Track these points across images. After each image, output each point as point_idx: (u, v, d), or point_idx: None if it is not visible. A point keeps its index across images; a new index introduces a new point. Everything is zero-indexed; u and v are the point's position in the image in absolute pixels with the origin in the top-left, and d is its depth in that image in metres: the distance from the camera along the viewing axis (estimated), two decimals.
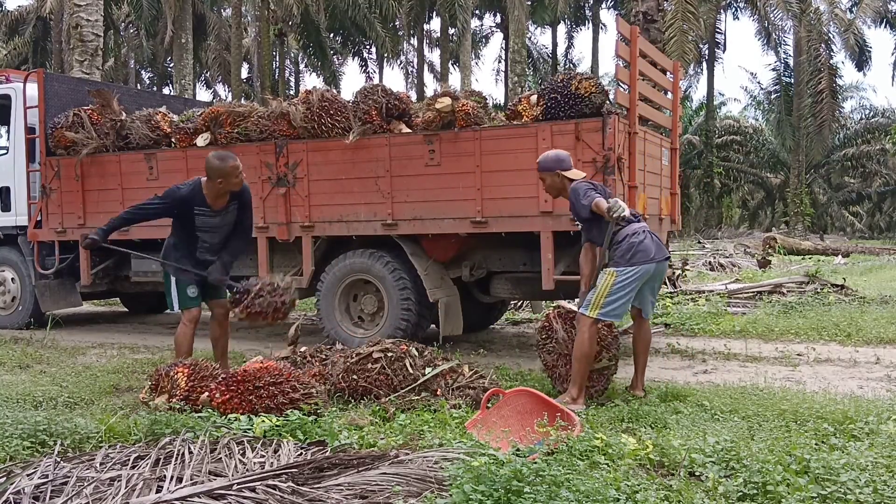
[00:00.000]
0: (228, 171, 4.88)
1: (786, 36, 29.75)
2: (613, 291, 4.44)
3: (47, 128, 8.07)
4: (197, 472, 3.02)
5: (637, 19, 11.24)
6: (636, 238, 4.49)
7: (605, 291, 4.45)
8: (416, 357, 4.83)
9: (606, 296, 4.45)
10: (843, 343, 6.76)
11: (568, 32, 35.62)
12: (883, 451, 3.30)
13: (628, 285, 4.47)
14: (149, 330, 8.69)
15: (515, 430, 3.71)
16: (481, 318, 7.91)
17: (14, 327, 8.53)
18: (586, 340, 4.46)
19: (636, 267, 4.46)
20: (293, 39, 31.51)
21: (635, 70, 6.09)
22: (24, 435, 3.60)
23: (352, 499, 2.78)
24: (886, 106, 35.92)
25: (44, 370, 5.96)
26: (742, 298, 9.37)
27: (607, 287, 4.45)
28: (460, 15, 23.46)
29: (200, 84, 36.00)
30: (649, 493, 2.84)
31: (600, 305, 4.46)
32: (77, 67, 12.22)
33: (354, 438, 3.69)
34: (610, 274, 4.47)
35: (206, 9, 28.60)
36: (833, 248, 18.47)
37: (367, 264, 6.65)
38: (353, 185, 6.60)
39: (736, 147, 36.84)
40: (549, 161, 4.77)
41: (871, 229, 38.36)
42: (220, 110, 7.20)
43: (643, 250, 4.47)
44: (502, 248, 6.55)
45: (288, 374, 4.30)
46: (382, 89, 6.62)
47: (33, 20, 29.42)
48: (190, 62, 23.42)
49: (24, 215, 8.46)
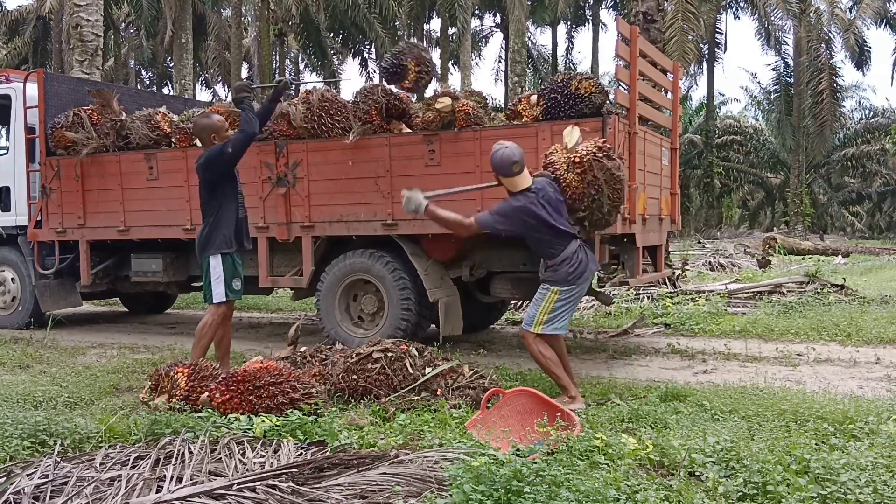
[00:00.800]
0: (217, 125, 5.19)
1: (786, 36, 29.82)
2: (556, 308, 4.58)
3: (47, 128, 8.06)
4: (197, 472, 3.02)
5: (637, 19, 11.24)
6: (576, 259, 4.56)
7: (549, 308, 4.58)
8: (416, 357, 4.83)
9: (549, 312, 4.58)
10: (843, 343, 6.76)
11: (568, 32, 35.63)
12: (883, 451, 3.30)
13: (569, 301, 4.63)
14: (149, 330, 8.69)
15: (515, 430, 3.71)
16: (481, 318, 7.91)
17: (14, 327, 8.53)
18: (538, 354, 4.60)
19: (578, 286, 4.61)
20: (293, 39, 31.51)
21: (635, 70, 6.09)
22: (24, 435, 3.60)
23: (352, 499, 2.78)
24: (886, 106, 35.86)
25: (44, 370, 5.96)
26: (742, 298, 9.37)
27: (550, 304, 4.57)
28: (460, 15, 23.46)
29: (200, 84, 36.03)
30: (649, 493, 2.84)
31: (543, 322, 4.59)
32: (77, 67, 12.22)
33: (354, 438, 3.69)
34: (553, 292, 4.58)
35: (206, 9, 28.60)
36: (833, 248, 18.47)
37: (367, 264, 6.65)
38: (353, 185, 6.60)
39: (736, 147, 36.85)
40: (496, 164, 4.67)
41: (871, 229, 38.36)
42: (219, 110, 7.19)
43: (582, 270, 4.59)
44: (502, 248, 6.54)
45: (288, 374, 4.30)
46: (382, 89, 6.62)
47: (33, 20, 29.43)
48: (190, 62, 23.43)
49: (24, 215, 8.46)
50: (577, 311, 9.00)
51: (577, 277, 4.58)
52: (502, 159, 4.62)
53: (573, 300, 4.66)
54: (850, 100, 35.30)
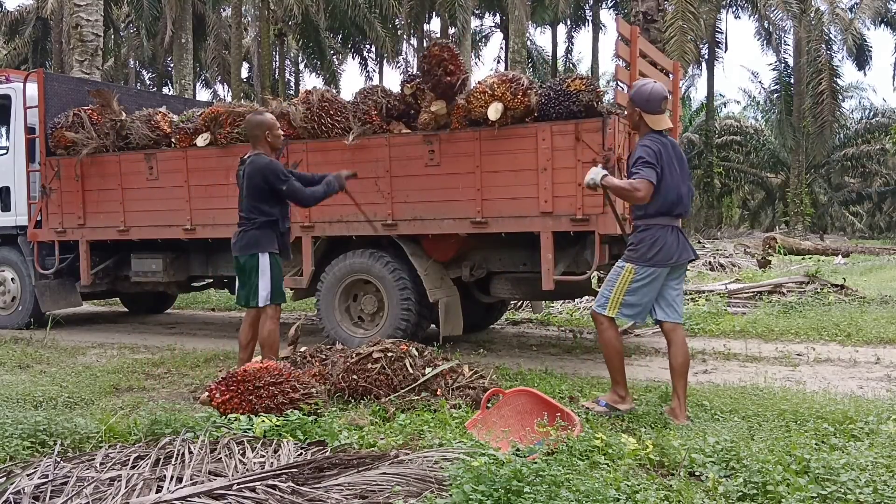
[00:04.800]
0: (270, 122, 5.14)
1: (786, 36, 29.82)
2: (632, 290, 4.14)
3: (47, 128, 8.07)
4: (197, 472, 3.02)
5: (637, 19, 11.23)
6: (665, 237, 4.13)
7: (624, 289, 4.14)
8: (416, 357, 4.83)
9: (625, 293, 4.15)
10: (843, 343, 6.76)
11: (568, 33, 35.64)
12: (883, 451, 3.30)
13: (647, 285, 4.15)
14: (149, 330, 8.69)
15: (515, 430, 3.71)
16: (481, 318, 7.91)
17: (14, 327, 8.53)
18: (609, 340, 4.23)
19: (655, 268, 4.13)
20: (293, 39, 31.51)
21: (635, 70, 6.08)
22: (24, 435, 3.60)
23: (352, 499, 2.78)
24: (886, 106, 35.82)
25: (44, 370, 5.96)
26: (742, 298, 9.37)
27: (626, 284, 4.14)
28: (460, 15, 23.43)
29: (200, 84, 36.02)
30: (649, 493, 2.84)
31: (619, 304, 4.16)
32: (77, 67, 12.22)
33: (354, 438, 3.69)
34: (628, 270, 4.15)
35: (206, 9, 28.56)
36: (833, 248, 18.47)
37: (367, 264, 6.65)
38: (353, 186, 6.58)
39: (736, 147, 36.84)
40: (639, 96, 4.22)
41: (872, 229, 38.38)
42: (220, 110, 7.20)
43: (669, 252, 4.13)
44: (502, 248, 6.55)
45: (288, 374, 4.30)
46: (382, 89, 6.62)
47: (33, 20, 29.44)
48: (190, 62, 23.41)
49: (24, 215, 8.46)
50: (576, 311, 9.00)
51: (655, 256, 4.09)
52: (652, 93, 4.16)
53: (652, 284, 4.15)
54: (850, 100, 35.40)
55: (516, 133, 5.98)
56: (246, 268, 5.07)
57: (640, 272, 4.14)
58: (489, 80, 6.03)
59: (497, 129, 5.96)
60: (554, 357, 6.38)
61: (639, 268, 4.14)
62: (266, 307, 5.08)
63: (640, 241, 4.17)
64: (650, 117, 4.19)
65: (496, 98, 5.87)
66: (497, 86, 5.89)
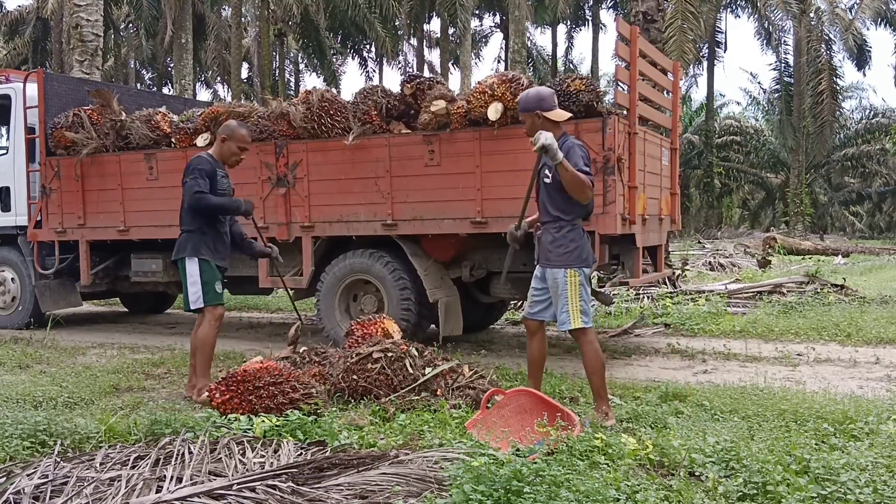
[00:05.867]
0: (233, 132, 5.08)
1: (786, 36, 29.80)
2: (583, 295, 4.14)
3: (47, 128, 8.07)
4: (197, 472, 3.02)
5: (637, 19, 11.24)
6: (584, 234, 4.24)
7: (577, 294, 4.13)
8: (416, 357, 4.83)
9: (580, 299, 4.13)
10: (843, 343, 6.76)
11: (568, 33, 35.64)
12: (883, 451, 3.30)
13: (586, 285, 4.19)
14: (149, 330, 8.68)
15: (515, 430, 3.71)
16: (481, 318, 7.91)
17: (14, 327, 8.53)
18: (597, 352, 4.18)
19: (589, 268, 4.22)
20: (293, 39, 31.50)
21: (635, 70, 6.08)
22: (24, 435, 3.60)
23: (352, 499, 2.78)
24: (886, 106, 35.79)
25: (44, 370, 5.96)
26: (742, 298, 9.37)
27: (576, 289, 4.12)
28: (460, 15, 23.44)
29: (200, 84, 36.03)
30: (649, 493, 2.84)
31: (581, 311, 4.12)
32: (77, 67, 12.22)
33: (354, 438, 3.69)
34: (572, 275, 4.11)
35: (206, 9, 28.58)
36: (833, 248, 18.48)
37: (367, 264, 6.65)
38: (353, 186, 6.60)
39: (736, 147, 36.82)
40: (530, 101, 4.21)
41: (872, 229, 38.34)
42: (220, 110, 7.21)
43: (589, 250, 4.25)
44: (502, 248, 6.52)
45: (288, 374, 4.30)
46: (382, 89, 6.62)
47: (33, 20, 29.42)
48: (190, 62, 23.42)
49: (24, 215, 8.46)
50: None
51: (591, 258, 4.19)
52: (540, 93, 4.22)
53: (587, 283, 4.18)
54: (850, 100, 35.34)
55: (516, 133, 5.97)
56: (180, 272, 5.05)
57: (584, 273, 4.20)
58: (489, 80, 6.03)
59: (497, 129, 5.98)
60: (554, 357, 6.38)
61: (579, 270, 4.17)
62: (204, 310, 4.99)
63: (569, 240, 4.17)
64: (551, 114, 4.18)
65: (496, 98, 5.88)
66: (497, 86, 5.89)
